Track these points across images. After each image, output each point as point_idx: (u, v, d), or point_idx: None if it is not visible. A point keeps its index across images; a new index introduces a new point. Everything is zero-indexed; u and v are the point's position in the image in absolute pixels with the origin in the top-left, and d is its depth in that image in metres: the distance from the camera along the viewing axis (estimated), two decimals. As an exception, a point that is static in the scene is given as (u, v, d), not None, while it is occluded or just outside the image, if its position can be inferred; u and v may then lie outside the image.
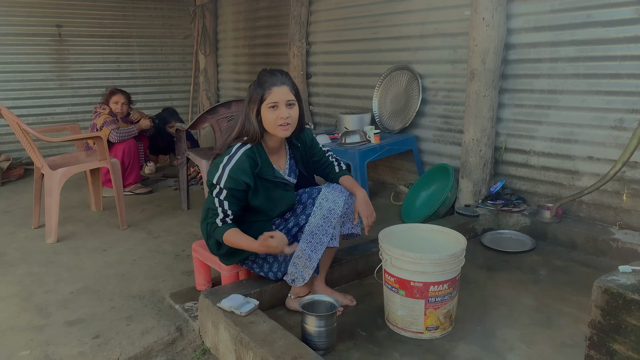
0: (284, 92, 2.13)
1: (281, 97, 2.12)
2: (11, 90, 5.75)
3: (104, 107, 4.47)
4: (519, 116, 3.49)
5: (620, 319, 1.55)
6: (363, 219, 2.27)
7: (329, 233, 2.19)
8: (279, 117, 2.12)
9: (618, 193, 3.06)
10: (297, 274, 2.23)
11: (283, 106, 2.12)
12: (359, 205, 2.28)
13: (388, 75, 4.32)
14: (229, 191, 2.11)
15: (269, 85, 2.12)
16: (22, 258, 3.16)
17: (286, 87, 2.14)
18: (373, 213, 2.29)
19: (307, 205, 2.25)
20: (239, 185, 2.11)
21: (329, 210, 2.19)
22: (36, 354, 2.12)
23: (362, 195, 2.30)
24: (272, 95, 2.11)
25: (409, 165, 4.35)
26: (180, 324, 2.34)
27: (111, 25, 6.28)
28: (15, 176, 5.21)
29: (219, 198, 2.13)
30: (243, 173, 2.11)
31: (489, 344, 2.07)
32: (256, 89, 2.14)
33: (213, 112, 3.83)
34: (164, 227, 3.71)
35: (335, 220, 2.20)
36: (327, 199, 2.21)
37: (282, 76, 2.15)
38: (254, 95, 2.14)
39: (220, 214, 2.14)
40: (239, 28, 6.37)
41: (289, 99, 2.14)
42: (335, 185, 2.29)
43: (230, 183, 2.10)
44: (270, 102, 2.11)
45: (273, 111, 2.12)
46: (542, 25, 3.27)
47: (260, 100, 2.13)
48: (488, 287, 2.59)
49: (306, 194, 2.31)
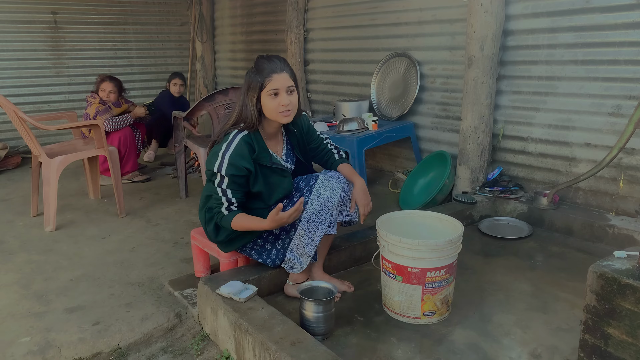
0: (285, 79, 2.12)
1: (282, 84, 2.11)
2: (7, 78, 5.72)
3: (94, 96, 4.41)
4: (516, 103, 3.49)
5: (615, 304, 1.57)
6: (360, 207, 2.28)
7: (326, 220, 2.20)
8: (280, 104, 2.11)
9: (615, 179, 3.08)
10: (295, 261, 2.24)
11: (284, 93, 2.11)
12: (356, 193, 2.28)
13: (386, 62, 4.30)
14: (230, 178, 2.11)
15: (268, 72, 2.10)
16: (21, 246, 3.17)
17: (286, 73, 2.13)
18: (370, 202, 2.30)
19: (305, 193, 2.26)
20: (239, 171, 2.11)
21: (327, 197, 2.19)
22: (37, 340, 2.13)
23: (360, 183, 2.30)
24: (273, 82, 2.10)
25: (407, 153, 4.35)
26: (179, 310, 2.36)
27: (107, 12, 6.22)
28: (12, 165, 5.20)
29: (222, 187, 2.13)
30: (243, 159, 2.11)
31: (485, 328, 2.10)
32: (255, 76, 2.13)
33: (210, 99, 3.82)
34: (163, 215, 3.72)
35: (333, 208, 2.21)
36: (325, 187, 2.21)
37: (280, 63, 2.14)
38: (253, 83, 2.13)
39: (224, 203, 2.14)
40: (236, 15, 6.32)
41: (289, 85, 2.13)
42: (333, 173, 2.29)
43: (231, 170, 2.10)
44: (270, 89, 2.10)
45: (274, 99, 2.11)
46: (541, 11, 3.25)
47: (260, 88, 2.12)
48: (485, 273, 2.61)
49: (303, 181, 2.31)
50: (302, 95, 5.21)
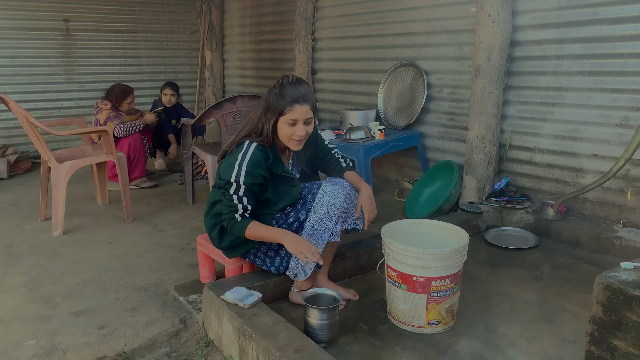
0: (306, 111, 2.10)
1: (302, 115, 2.10)
2: (19, 84, 5.79)
3: (105, 102, 4.46)
4: (523, 113, 3.49)
5: (621, 315, 1.56)
6: (365, 213, 2.27)
7: (329, 228, 2.20)
8: (296, 133, 2.12)
9: (622, 191, 3.06)
10: (299, 269, 2.24)
11: (302, 124, 2.11)
12: (362, 199, 2.28)
13: (393, 71, 4.32)
14: (247, 187, 2.11)
15: (291, 102, 2.08)
16: (29, 250, 3.19)
17: (308, 105, 2.11)
18: (375, 209, 2.29)
19: (308, 201, 2.25)
20: (257, 180, 2.12)
21: (329, 205, 2.19)
22: (42, 344, 2.15)
23: (367, 190, 2.30)
24: (294, 112, 2.09)
25: (414, 162, 4.35)
26: (184, 315, 2.37)
27: (118, 20, 6.30)
28: (22, 169, 5.26)
29: (238, 195, 2.12)
30: (259, 167, 2.12)
31: (490, 339, 2.08)
32: (277, 100, 2.10)
33: (219, 107, 3.85)
34: (169, 221, 3.74)
35: (336, 215, 2.20)
36: (328, 194, 2.21)
37: (305, 92, 2.10)
38: (274, 106, 2.10)
39: (240, 210, 2.14)
40: (245, 24, 6.38)
41: (308, 117, 2.12)
42: (337, 180, 2.29)
43: (249, 179, 2.10)
44: (290, 118, 2.09)
45: (290, 127, 2.11)
46: (548, 22, 3.26)
47: (279, 113, 2.10)
48: (490, 284, 2.60)
49: (306, 188, 2.31)
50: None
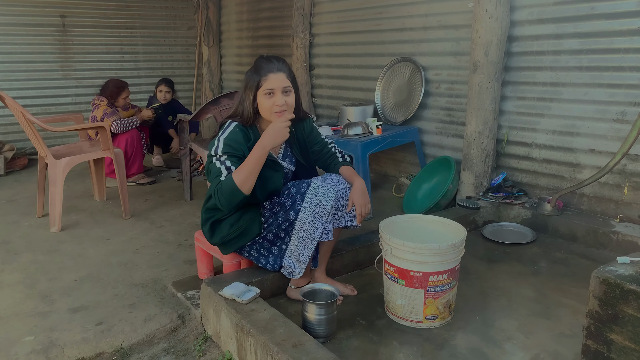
0: (280, 79, 2.13)
1: (277, 84, 2.12)
2: (15, 81, 5.76)
3: (101, 98, 4.44)
4: (521, 109, 3.49)
5: (618, 309, 1.57)
6: (356, 207, 2.23)
7: (319, 228, 2.17)
8: (274, 104, 2.12)
9: (619, 186, 3.07)
10: (292, 267, 2.24)
11: (279, 93, 2.12)
12: (354, 193, 2.24)
13: (391, 67, 4.32)
14: (227, 155, 2.11)
15: (265, 72, 2.12)
16: (26, 246, 3.19)
17: (282, 74, 2.14)
18: (368, 204, 2.25)
19: (297, 201, 2.20)
20: (235, 151, 2.11)
21: (319, 205, 2.15)
22: (40, 340, 2.15)
23: (359, 184, 2.25)
24: (268, 82, 2.11)
25: (411, 158, 4.36)
26: (182, 311, 2.37)
27: (115, 15, 6.27)
28: (19, 166, 5.24)
29: (220, 161, 2.10)
30: (237, 142, 2.12)
31: (487, 333, 2.09)
32: (252, 75, 2.15)
33: (216, 103, 3.84)
34: (167, 217, 3.74)
35: (326, 215, 2.17)
36: (317, 194, 2.16)
37: (278, 63, 2.15)
38: (251, 82, 2.15)
39: (224, 172, 2.08)
40: (243, 19, 6.36)
41: (285, 85, 2.13)
42: (332, 177, 2.28)
43: (227, 149, 2.11)
44: (266, 89, 2.11)
45: (269, 98, 2.12)
46: (546, 17, 3.26)
47: (256, 87, 2.13)
48: (488, 279, 2.61)
49: (295, 187, 2.25)
50: (306, 99, 5.23)
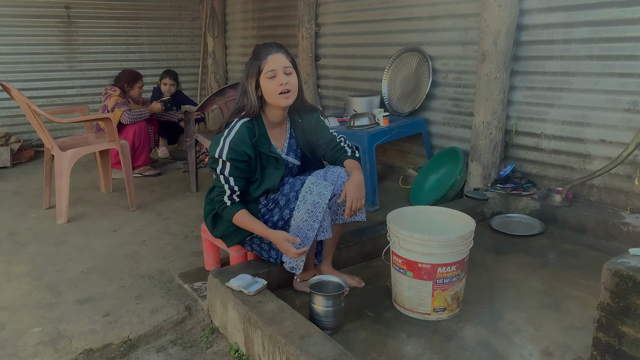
0: (281, 59, 2.13)
1: (278, 64, 2.11)
2: (21, 72, 5.77)
3: (114, 88, 4.47)
4: (530, 99, 3.45)
5: (630, 302, 1.55)
6: (347, 200, 2.16)
7: (314, 228, 2.14)
8: (278, 84, 2.11)
9: (630, 177, 3.03)
10: (292, 263, 2.22)
11: (281, 73, 2.11)
12: (348, 186, 2.18)
13: (398, 57, 4.27)
14: (232, 164, 2.10)
15: (264, 55, 2.12)
16: (33, 238, 3.19)
17: (282, 54, 2.14)
18: (362, 199, 2.17)
19: (291, 200, 2.17)
20: (240, 156, 2.10)
21: (313, 203, 2.11)
22: (48, 331, 2.15)
23: (356, 177, 2.19)
24: (269, 63, 2.11)
25: (418, 149, 4.32)
26: (189, 303, 2.37)
27: (120, 7, 6.25)
28: (25, 158, 5.26)
29: (224, 174, 2.12)
30: (243, 143, 2.11)
31: (496, 325, 2.08)
32: (253, 62, 2.15)
33: (221, 94, 3.83)
34: (173, 209, 3.74)
35: (322, 214, 2.13)
36: (312, 192, 2.12)
37: (276, 46, 2.16)
38: (252, 69, 2.14)
39: (227, 191, 2.14)
40: (248, 10, 6.31)
41: (286, 65, 2.13)
42: (334, 171, 2.23)
43: (231, 154, 2.09)
44: (267, 70, 2.11)
45: (272, 80, 2.11)
46: (556, 5, 3.20)
47: (258, 72, 2.13)
48: (496, 270, 2.59)
49: (288, 184, 2.22)
50: (312, 90, 5.19)
